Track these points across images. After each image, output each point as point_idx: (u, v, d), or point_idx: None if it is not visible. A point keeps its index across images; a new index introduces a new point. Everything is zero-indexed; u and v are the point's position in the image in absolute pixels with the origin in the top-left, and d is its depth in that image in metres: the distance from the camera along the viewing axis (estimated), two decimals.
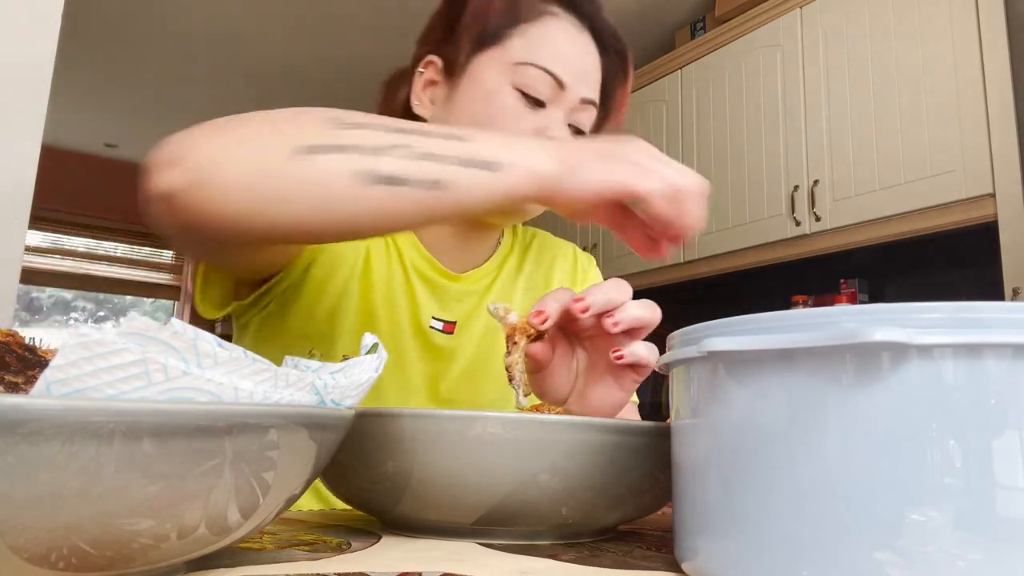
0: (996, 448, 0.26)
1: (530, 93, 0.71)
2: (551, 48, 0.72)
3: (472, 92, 0.72)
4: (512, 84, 0.71)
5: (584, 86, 0.73)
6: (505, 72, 0.71)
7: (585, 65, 0.73)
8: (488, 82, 0.71)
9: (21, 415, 0.22)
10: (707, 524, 0.33)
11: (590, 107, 0.74)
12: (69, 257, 5.05)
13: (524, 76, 0.70)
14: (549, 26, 0.73)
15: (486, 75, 0.72)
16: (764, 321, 0.31)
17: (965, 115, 2.03)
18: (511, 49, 0.71)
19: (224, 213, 0.47)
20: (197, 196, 0.47)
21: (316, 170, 0.46)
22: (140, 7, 3.22)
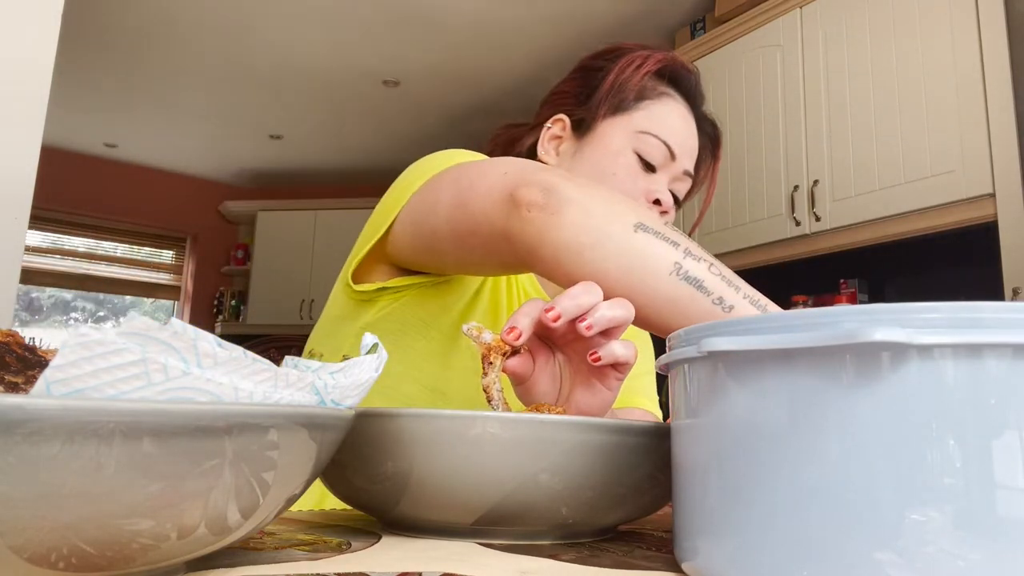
0: (996, 448, 0.26)
1: (646, 158, 0.82)
2: (668, 124, 0.84)
3: (598, 149, 0.83)
4: (634, 148, 0.82)
5: (688, 160, 0.85)
6: (629, 137, 0.83)
7: (692, 143, 0.86)
8: (614, 143, 0.83)
9: (21, 415, 0.22)
10: (707, 524, 0.33)
11: (688, 179, 0.86)
12: (69, 257, 5.05)
13: (644, 143, 0.82)
14: (668, 106, 0.85)
15: (612, 137, 0.83)
16: (764, 321, 0.31)
17: (965, 115, 2.03)
18: (636, 119, 0.83)
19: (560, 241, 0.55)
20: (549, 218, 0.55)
21: (648, 245, 0.54)
22: (140, 7, 3.22)
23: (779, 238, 2.46)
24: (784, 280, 2.61)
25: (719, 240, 2.66)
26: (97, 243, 5.14)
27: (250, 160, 4.98)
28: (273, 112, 4.28)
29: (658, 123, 0.83)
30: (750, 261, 2.58)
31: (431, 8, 3.18)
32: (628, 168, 0.82)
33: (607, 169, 0.82)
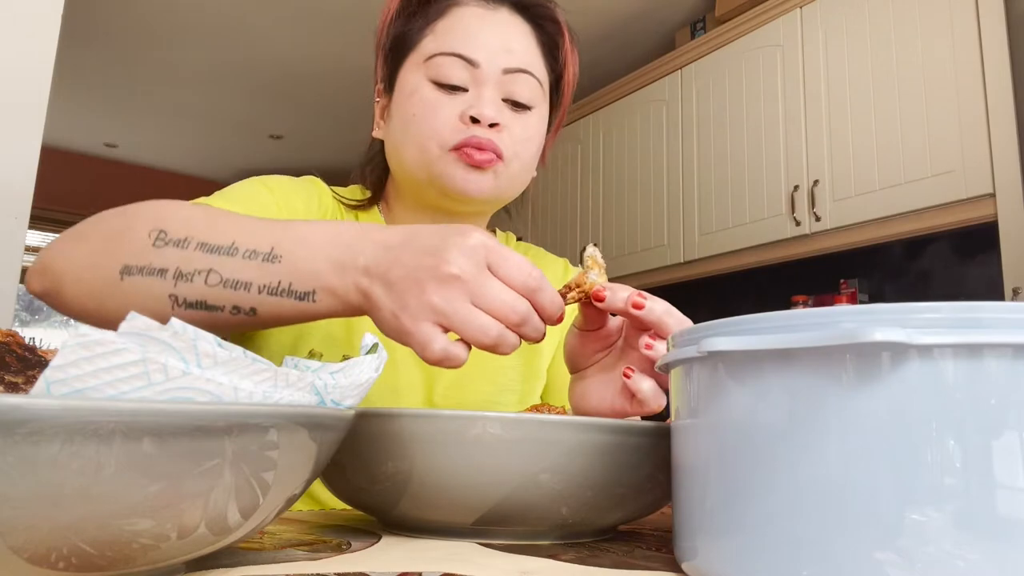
0: (996, 448, 0.26)
1: (444, 81, 0.72)
2: (457, 34, 0.74)
3: (399, 99, 0.75)
4: (427, 78, 0.73)
5: (504, 58, 0.73)
6: (420, 70, 0.74)
7: (501, 38, 0.74)
8: (408, 84, 0.75)
9: (21, 415, 0.22)
10: (707, 524, 0.33)
11: (521, 76, 0.74)
12: None
13: (435, 67, 0.73)
14: (454, 16, 0.75)
15: (407, 80, 0.75)
16: (764, 321, 0.31)
17: (965, 115, 2.03)
18: (423, 49, 0.75)
19: (78, 315, 0.53)
20: (56, 301, 0.54)
21: (134, 291, 0.49)
22: (140, 7, 3.22)
23: (779, 238, 2.46)
24: (784, 280, 2.61)
25: (719, 240, 2.66)
26: None
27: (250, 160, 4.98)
28: (273, 112, 4.28)
29: (444, 39, 0.74)
30: (750, 261, 2.58)
31: None
32: (426, 102, 0.72)
33: (407, 115, 0.73)
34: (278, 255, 0.49)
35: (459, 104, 0.72)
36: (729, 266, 2.66)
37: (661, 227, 2.91)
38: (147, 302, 0.49)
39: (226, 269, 0.49)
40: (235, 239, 0.50)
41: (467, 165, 0.71)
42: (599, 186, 3.24)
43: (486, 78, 0.73)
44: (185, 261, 0.49)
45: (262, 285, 0.49)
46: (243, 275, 0.49)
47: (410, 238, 0.48)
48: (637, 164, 3.06)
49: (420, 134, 0.72)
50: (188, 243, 0.49)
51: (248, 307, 0.49)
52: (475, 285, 0.46)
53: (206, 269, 0.49)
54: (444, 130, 0.71)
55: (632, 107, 3.12)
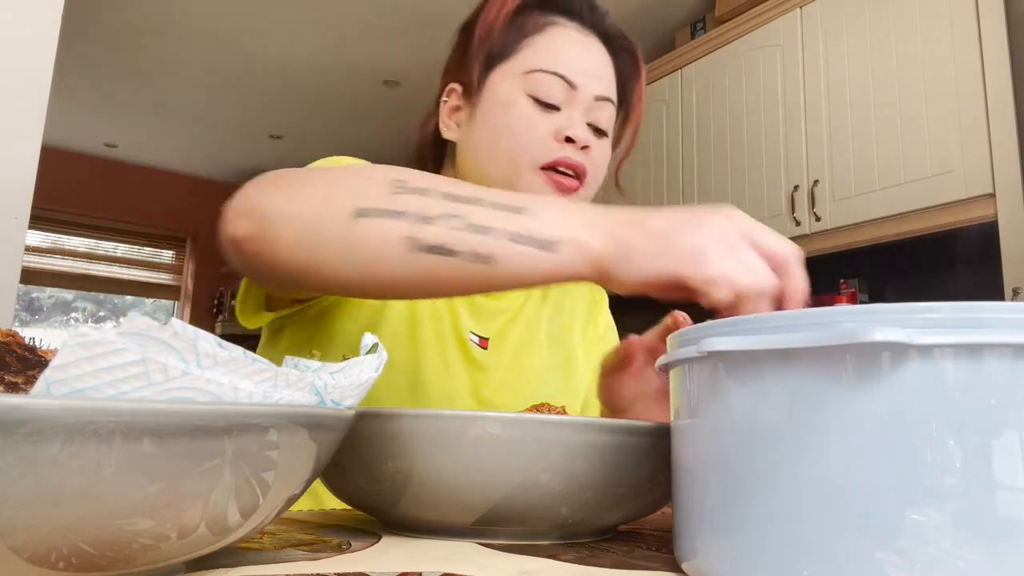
0: (996, 448, 0.26)
1: (542, 98, 0.74)
2: (558, 53, 0.75)
3: (490, 106, 0.75)
4: (525, 92, 0.74)
5: (596, 84, 0.76)
6: (517, 82, 0.75)
7: (595, 65, 0.77)
8: (503, 94, 0.75)
9: (21, 415, 0.22)
10: (707, 524, 0.33)
11: (606, 104, 0.77)
12: (69, 257, 5.05)
13: (535, 82, 0.74)
14: (554, 34, 0.76)
15: (501, 88, 0.75)
16: (764, 321, 0.31)
17: (965, 115, 2.03)
18: (521, 61, 0.75)
19: (284, 264, 0.50)
20: (262, 246, 0.50)
21: (368, 232, 0.48)
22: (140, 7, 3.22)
23: None
24: None
25: None
26: (97, 243, 5.13)
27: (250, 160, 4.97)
28: (273, 112, 4.28)
29: (545, 56, 0.75)
30: None
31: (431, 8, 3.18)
32: (523, 116, 0.73)
33: (500, 124, 0.74)
34: (522, 207, 0.48)
35: (553, 122, 0.74)
36: None
37: None
38: (379, 245, 0.47)
39: (471, 215, 0.47)
40: (479, 194, 0.49)
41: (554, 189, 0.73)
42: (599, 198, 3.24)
43: (579, 101, 0.75)
44: (427, 206, 0.48)
45: (506, 231, 0.47)
46: (488, 220, 0.47)
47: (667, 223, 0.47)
48: (637, 164, 3.06)
49: (513, 148, 0.73)
50: (431, 192, 0.49)
51: (487, 253, 0.47)
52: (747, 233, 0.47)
53: (450, 213, 0.47)
54: (538, 147, 0.73)
55: None
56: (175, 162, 5.14)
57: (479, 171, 0.76)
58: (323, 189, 0.51)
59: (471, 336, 0.80)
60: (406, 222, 0.47)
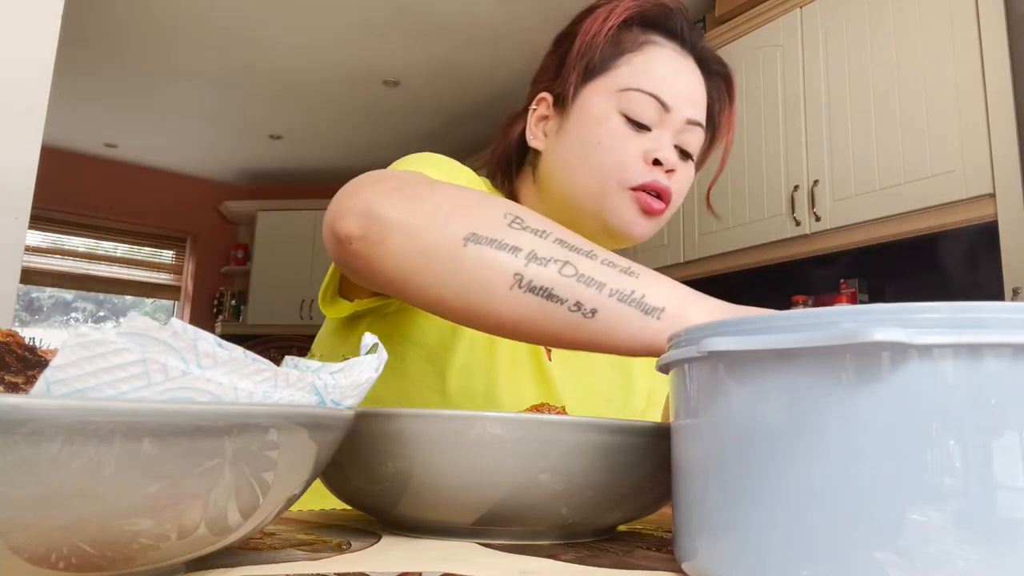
0: (996, 448, 0.26)
1: (634, 118, 0.73)
2: (654, 74, 0.75)
3: (582, 120, 0.75)
4: (618, 110, 0.74)
5: (689, 108, 0.75)
6: (611, 99, 0.74)
7: (689, 88, 0.76)
8: (596, 109, 0.74)
9: (21, 415, 0.22)
10: (707, 524, 0.33)
11: (696, 128, 0.76)
12: (69, 257, 5.05)
13: (629, 101, 0.73)
14: (652, 54, 0.76)
15: (594, 103, 0.75)
16: (764, 321, 0.31)
17: (965, 115, 2.03)
18: (617, 78, 0.75)
19: (387, 271, 0.50)
20: (370, 249, 0.50)
21: (478, 260, 0.48)
22: (140, 7, 3.22)
23: (779, 238, 2.46)
24: (784, 280, 2.61)
25: (719, 240, 2.66)
26: (97, 243, 5.14)
27: (250, 160, 4.98)
28: (273, 112, 4.28)
29: (642, 76, 0.74)
30: (750, 261, 2.58)
31: (431, 8, 3.18)
32: (615, 133, 0.73)
33: (591, 139, 0.74)
34: (636, 272, 0.49)
35: (643, 143, 0.73)
36: (729, 266, 2.66)
37: None
38: (486, 274, 0.47)
39: (583, 265, 0.48)
40: (594, 248, 0.49)
41: (641, 210, 0.73)
42: None
43: (671, 123, 0.74)
44: (541, 247, 0.48)
45: (614, 289, 0.47)
46: (599, 275, 0.47)
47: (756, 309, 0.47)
48: None
49: (603, 165, 0.73)
50: (547, 234, 0.49)
51: (591, 307, 0.47)
52: None
53: (563, 259, 0.48)
54: (629, 168, 0.72)
55: None
56: (175, 162, 5.14)
57: (563, 183, 0.76)
58: (441, 205, 0.50)
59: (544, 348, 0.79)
60: (517, 258, 0.47)
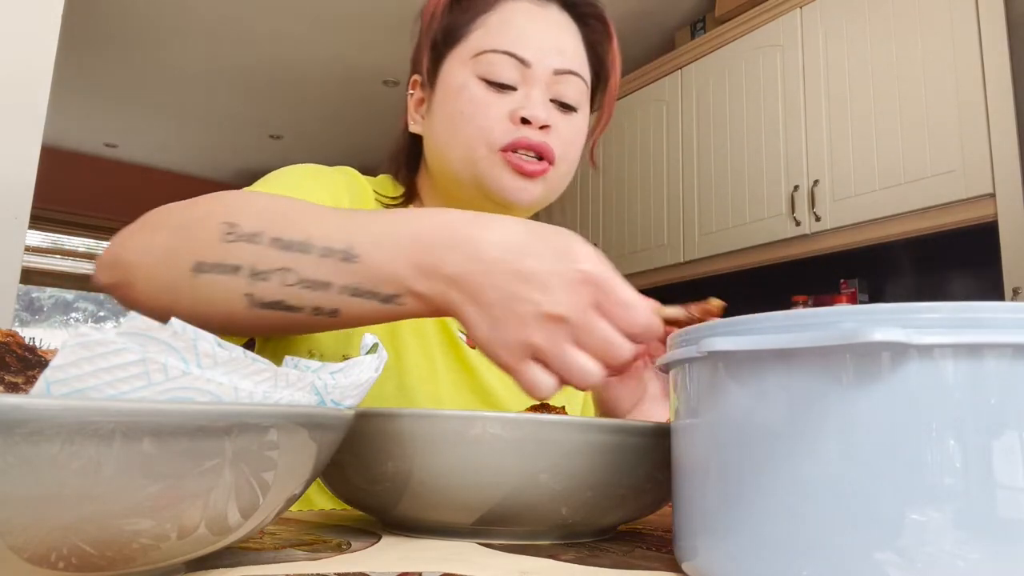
0: (996, 448, 0.26)
1: (493, 79, 0.70)
2: (509, 31, 0.71)
3: (445, 94, 0.73)
4: (476, 75, 0.71)
5: (555, 57, 0.72)
6: (468, 66, 0.71)
7: (554, 38, 0.73)
8: (455, 80, 0.72)
9: (21, 415, 0.22)
10: (707, 524, 0.33)
11: (570, 77, 0.73)
12: (69, 257, 5.05)
13: (486, 64, 0.71)
14: (505, 11, 0.73)
15: (452, 74, 0.72)
16: (764, 321, 0.31)
17: (965, 115, 2.03)
18: (471, 43, 0.72)
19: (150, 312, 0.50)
20: (127, 295, 0.51)
21: (210, 289, 0.47)
22: (140, 7, 3.22)
23: (779, 238, 2.46)
24: (784, 280, 2.61)
25: (719, 240, 2.66)
26: (97, 243, 5.13)
27: (250, 160, 4.97)
28: (273, 112, 4.28)
29: (496, 35, 0.71)
30: (750, 261, 2.58)
31: None
32: (475, 99, 0.70)
33: (455, 111, 0.71)
34: (355, 255, 0.46)
35: (508, 103, 0.71)
36: (729, 266, 2.66)
37: (661, 227, 2.91)
38: (221, 300, 0.47)
39: (303, 268, 0.46)
40: (309, 234, 0.47)
41: (515, 172, 0.70)
42: (599, 185, 3.24)
43: (536, 78, 0.71)
44: (259, 258, 0.46)
45: (343, 286, 0.46)
46: (321, 275, 0.46)
47: (511, 255, 0.44)
48: (637, 164, 3.06)
49: (468, 133, 0.70)
50: (261, 238, 0.47)
51: (330, 308, 0.46)
52: (580, 327, 0.43)
53: (281, 266, 0.46)
54: (493, 130, 0.70)
55: (632, 107, 3.12)
56: (175, 162, 5.14)
57: (441, 160, 0.74)
58: (171, 235, 0.49)
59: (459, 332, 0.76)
60: (242, 278, 0.46)
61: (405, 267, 0.46)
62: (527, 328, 0.43)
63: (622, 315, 0.43)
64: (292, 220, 0.48)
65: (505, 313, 0.44)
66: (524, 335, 0.43)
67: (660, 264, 2.88)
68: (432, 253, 0.45)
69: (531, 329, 0.43)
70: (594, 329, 0.43)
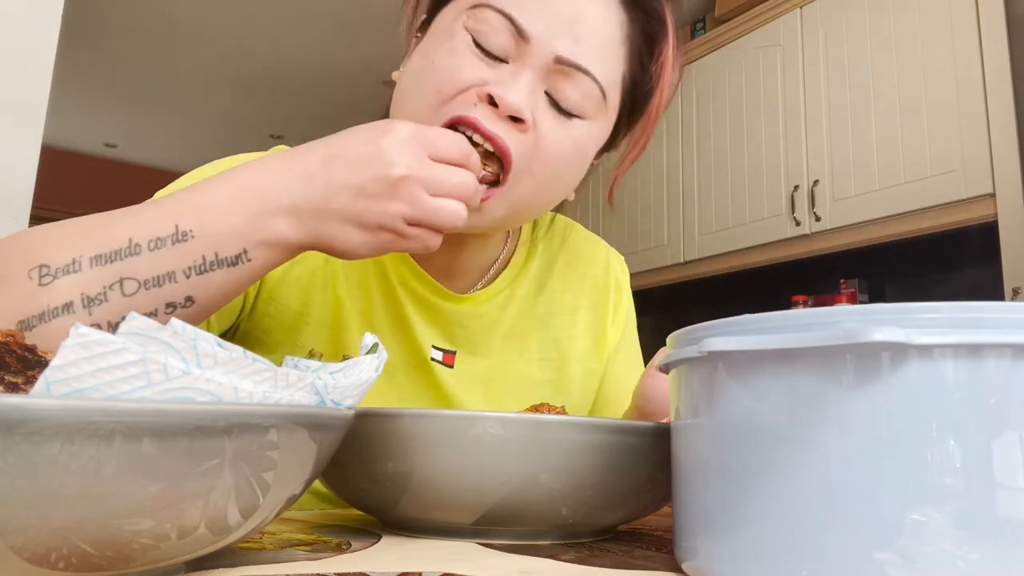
0: (996, 448, 0.26)
1: (481, 42, 0.55)
2: None
3: (428, 39, 0.58)
4: (465, 26, 0.55)
5: (566, 41, 0.54)
6: (460, 14, 0.56)
7: (575, 16, 0.55)
8: (443, 25, 0.57)
9: (21, 415, 0.22)
10: (707, 524, 0.33)
11: (577, 74, 0.55)
12: None
13: (478, 21, 0.55)
14: None
15: (444, 20, 0.58)
16: (764, 321, 0.31)
17: (965, 115, 2.03)
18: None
19: None
20: None
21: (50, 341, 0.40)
22: (140, 7, 3.22)
23: (779, 238, 2.46)
24: (784, 280, 2.61)
25: (719, 240, 2.66)
26: None
27: None
28: (273, 112, 4.28)
29: None
30: (750, 261, 2.58)
31: None
32: (454, 51, 0.55)
33: (427, 58, 0.56)
34: (186, 231, 0.43)
35: (484, 72, 0.54)
36: (729, 266, 2.66)
37: (661, 227, 2.91)
38: None
39: (138, 271, 0.42)
40: (130, 235, 0.43)
41: None
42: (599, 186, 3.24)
43: (532, 59, 0.54)
44: (86, 284, 0.41)
45: (186, 268, 0.42)
46: (161, 268, 0.42)
47: (332, 156, 0.45)
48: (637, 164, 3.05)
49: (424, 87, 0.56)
50: (79, 263, 0.42)
51: (183, 298, 0.43)
52: (427, 177, 0.45)
53: (115, 281, 0.42)
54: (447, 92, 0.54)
55: None
56: (175, 162, 5.14)
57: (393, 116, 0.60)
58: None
59: (433, 352, 0.66)
60: (76, 314, 0.41)
61: (240, 219, 0.44)
62: (386, 202, 0.44)
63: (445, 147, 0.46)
64: (105, 230, 0.44)
65: (359, 204, 0.44)
66: (388, 209, 0.45)
67: (660, 264, 2.88)
68: (261, 194, 0.44)
69: (389, 201, 0.44)
70: (436, 172, 0.45)
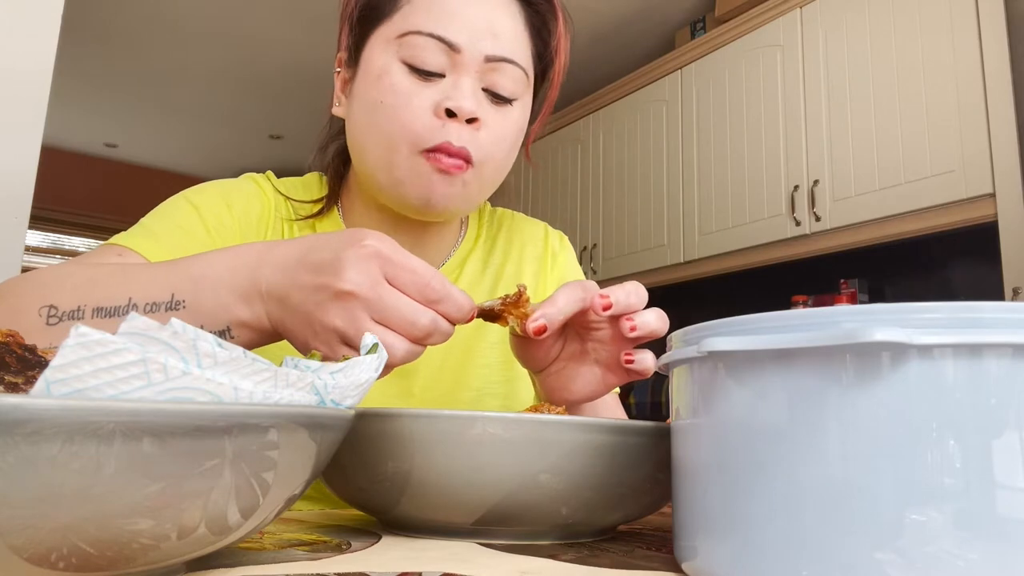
0: (996, 448, 0.26)
1: (418, 65, 0.63)
2: (437, 9, 0.63)
3: (365, 77, 0.66)
4: (400, 59, 0.63)
5: (488, 42, 0.64)
6: (391, 47, 0.64)
7: (485, 19, 0.64)
8: (376, 63, 0.65)
9: (21, 415, 0.22)
10: (707, 524, 0.33)
11: (506, 66, 0.65)
12: (69, 257, 5.05)
13: (410, 47, 0.63)
14: None
15: (374, 56, 0.65)
16: (764, 321, 0.31)
17: (965, 115, 2.03)
18: (396, 22, 0.64)
19: None
20: None
21: None
22: (140, 7, 3.22)
23: (779, 238, 2.46)
24: (784, 280, 2.61)
25: (719, 240, 2.66)
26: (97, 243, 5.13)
27: (250, 160, 4.97)
28: (273, 112, 4.28)
29: (423, 15, 0.63)
30: (750, 261, 2.58)
31: None
32: (397, 89, 0.62)
33: (374, 99, 0.63)
34: (180, 300, 0.47)
35: (434, 93, 0.63)
36: (729, 266, 2.66)
37: (661, 227, 2.91)
38: None
39: None
40: (131, 295, 0.47)
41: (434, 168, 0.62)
42: (599, 186, 3.24)
43: (466, 65, 0.63)
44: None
45: None
46: None
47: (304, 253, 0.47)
48: (637, 164, 3.06)
49: (390, 127, 0.63)
50: (83, 312, 0.47)
51: None
52: (373, 300, 0.44)
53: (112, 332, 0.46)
54: (417, 125, 0.62)
55: (632, 107, 3.12)
56: (175, 162, 5.14)
57: (359, 152, 0.67)
58: None
59: None
60: None
61: (228, 295, 0.47)
62: (327, 313, 0.45)
63: (410, 280, 0.45)
64: (111, 286, 0.48)
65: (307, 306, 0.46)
66: (326, 320, 0.45)
67: (660, 264, 2.88)
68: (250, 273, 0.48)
69: (330, 312, 0.45)
70: (385, 298, 0.45)
